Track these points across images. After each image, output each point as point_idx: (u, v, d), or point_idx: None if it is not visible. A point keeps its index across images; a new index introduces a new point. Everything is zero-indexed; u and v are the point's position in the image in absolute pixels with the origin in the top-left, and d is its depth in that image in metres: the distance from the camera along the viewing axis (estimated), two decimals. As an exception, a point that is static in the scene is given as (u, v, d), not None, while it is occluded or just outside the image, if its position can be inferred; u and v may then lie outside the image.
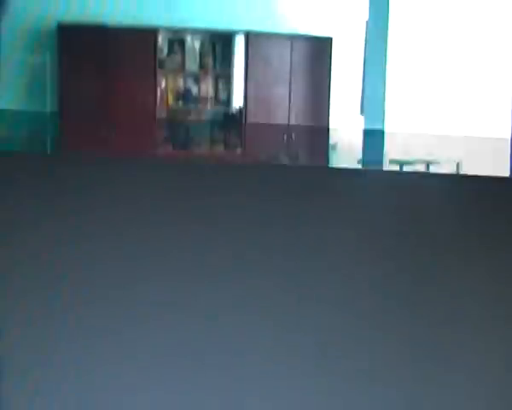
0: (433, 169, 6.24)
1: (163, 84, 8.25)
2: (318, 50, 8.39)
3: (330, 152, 8.50)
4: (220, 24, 8.35)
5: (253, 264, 1.97)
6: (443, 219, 1.94)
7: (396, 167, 6.61)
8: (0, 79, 7.68)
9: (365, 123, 8.12)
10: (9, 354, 2.04)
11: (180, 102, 8.40)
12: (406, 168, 6.56)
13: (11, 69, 7.68)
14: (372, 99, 7.96)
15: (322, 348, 1.98)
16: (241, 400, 2.01)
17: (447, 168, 6.47)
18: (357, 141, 8.18)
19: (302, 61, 8.33)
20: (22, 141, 7.78)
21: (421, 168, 6.25)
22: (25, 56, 7.63)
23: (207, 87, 8.47)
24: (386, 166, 7.26)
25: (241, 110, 8.33)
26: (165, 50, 8.26)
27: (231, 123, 8.50)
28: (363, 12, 8.12)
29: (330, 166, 8.46)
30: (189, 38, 8.36)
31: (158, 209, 1.97)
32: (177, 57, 8.34)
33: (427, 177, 2.35)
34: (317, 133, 8.45)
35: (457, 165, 6.58)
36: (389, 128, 7.76)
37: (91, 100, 7.61)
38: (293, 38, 8.31)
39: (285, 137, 8.33)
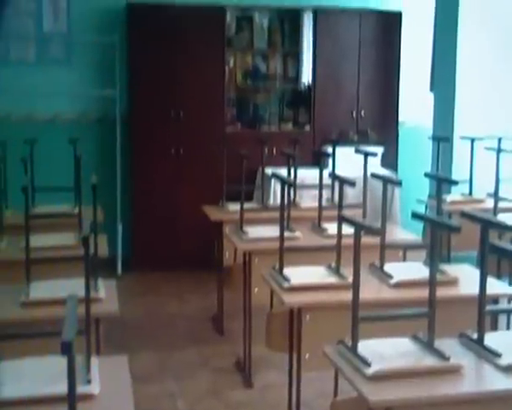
0: (505, 145, 6.09)
1: (231, 63, 8.25)
2: (387, 25, 8.27)
3: (400, 129, 8.40)
4: (288, 0, 8.31)
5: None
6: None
7: (467, 143, 6.48)
8: (70, 61, 7.81)
9: (435, 99, 7.98)
10: None
11: (248, 81, 8.40)
12: (477, 144, 6.43)
13: (81, 50, 7.80)
14: (442, 75, 7.82)
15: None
16: None
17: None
18: (428, 117, 8.07)
19: (371, 37, 8.22)
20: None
21: (492, 144, 6.10)
22: (94, 37, 7.72)
23: (276, 64, 8.44)
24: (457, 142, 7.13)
25: (309, 87, 8.28)
26: (234, 28, 8.26)
27: (300, 100, 8.46)
28: (433, -15, 7.97)
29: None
30: (257, 16, 8.33)
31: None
32: (246, 35, 8.32)
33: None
34: (387, 110, 8.34)
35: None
36: (460, 105, 7.61)
37: (160, 79, 7.67)
38: (361, 13, 8.20)
39: (354, 115, 8.26)
